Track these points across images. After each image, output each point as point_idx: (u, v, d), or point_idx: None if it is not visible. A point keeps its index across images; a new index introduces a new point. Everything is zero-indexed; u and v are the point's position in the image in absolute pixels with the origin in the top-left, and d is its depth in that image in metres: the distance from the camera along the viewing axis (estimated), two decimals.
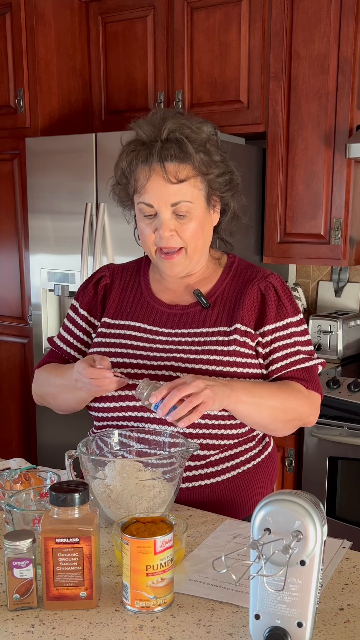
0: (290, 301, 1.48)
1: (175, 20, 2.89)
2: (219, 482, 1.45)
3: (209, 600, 1.05)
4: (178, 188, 1.37)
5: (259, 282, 1.48)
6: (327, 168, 2.65)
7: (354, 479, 2.51)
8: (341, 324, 2.86)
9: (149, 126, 1.39)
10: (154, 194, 1.38)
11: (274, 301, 1.46)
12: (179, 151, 1.36)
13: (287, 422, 1.46)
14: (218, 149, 1.44)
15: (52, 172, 2.89)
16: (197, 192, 1.40)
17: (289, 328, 1.47)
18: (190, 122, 1.40)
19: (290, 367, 1.46)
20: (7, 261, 3.25)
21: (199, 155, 1.38)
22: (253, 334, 1.45)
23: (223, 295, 1.49)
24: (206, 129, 1.43)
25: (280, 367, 1.46)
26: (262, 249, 2.94)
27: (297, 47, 2.65)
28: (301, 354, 1.48)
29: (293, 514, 0.88)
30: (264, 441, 1.55)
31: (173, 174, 1.36)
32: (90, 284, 1.59)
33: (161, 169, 1.36)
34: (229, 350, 1.42)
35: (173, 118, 1.39)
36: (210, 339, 1.44)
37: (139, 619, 0.99)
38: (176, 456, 1.26)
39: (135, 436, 1.40)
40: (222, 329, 1.45)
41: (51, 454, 3.07)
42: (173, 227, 1.40)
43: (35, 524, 1.13)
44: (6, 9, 3.00)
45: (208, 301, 1.48)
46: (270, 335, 1.46)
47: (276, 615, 0.91)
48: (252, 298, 1.46)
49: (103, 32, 3.12)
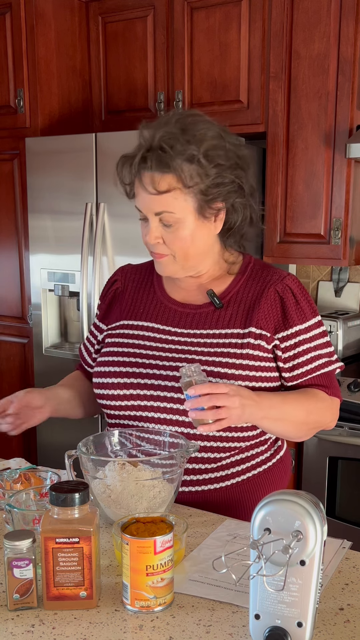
0: (308, 303, 1.46)
1: (175, 20, 2.89)
2: (230, 486, 1.45)
3: (209, 600, 1.05)
4: (159, 199, 1.35)
5: (275, 284, 1.45)
6: (327, 168, 2.65)
7: (354, 479, 2.51)
8: (341, 324, 2.86)
9: (149, 131, 1.38)
10: (140, 201, 1.39)
11: (292, 304, 1.44)
12: (157, 162, 1.33)
13: (309, 431, 1.48)
14: (225, 155, 1.38)
15: (52, 172, 2.89)
16: (183, 204, 1.35)
17: (310, 331, 1.45)
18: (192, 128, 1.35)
19: (312, 372, 1.45)
20: (7, 261, 3.25)
21: (188, 166, 1.33)
22: (269, 337, 1.43)
23: (237, 296, 1.47)
24: (211, 134, 1.37)
25: (303, 372, 1.45)
26: (262, 249, 2.94)
27: (297, 47, 2.65)
28: (323, 358, 1.47)
29: (293, 514, 0.88)
30: (276, 445, 1.53)
31: (151, 185, 1.34)
32: (106, 289, 1.63)
33: (138, 179, 1.37)
34: (242, 354, 1.41)
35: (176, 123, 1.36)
36: (224, 341, 1.42)
37: (139, 619, 0.99)
38: (176, 456, 1.26)
39: (135, 436, 1.39)
40: (236, 331, 1.43)
41: (51, 454, 3.07)
42: (159, 235, 1.39)
43: (35, 524, 1.13)
44: (6, 9, 3.00)
45: (221, 302, 1.46)
46: (294, 338, 1.44)
47: (276, 615, 0.91)
48: (269, 301, 1.44)
49: (103, 32, 3.12)
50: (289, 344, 1.44)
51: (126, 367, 1.46)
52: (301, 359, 1.45)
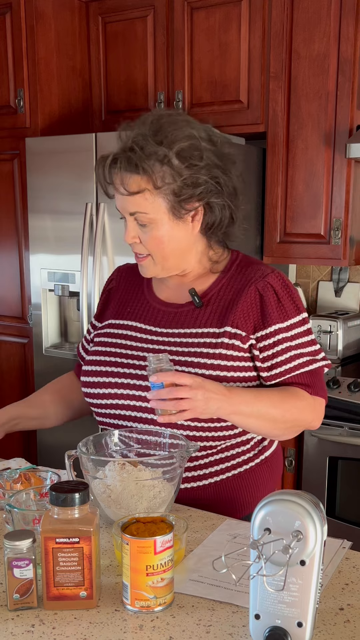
0: (291, 300, 1.44)
1: (175, 20, 2.89)
2: (208, 485, 1.44)
3: (209, 600, 1.05)
4: (132, 199, 1.36)
5: (256, 282, 1.43)
6: (327, 168, 2.65)
7: (354, 479, 2.51)
8: (341, 324, 2.86)
9: (126, 132, 1.39)
10: (116, 201, 1.42)
11: (273, 302, 1.42)
12: (127, 164, 1.34)
13: (286, 429, 1.43)
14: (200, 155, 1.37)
15: (52, 172, 2.89)
16: (154, 205, 1.36)
17: (291, 330, 1.43)
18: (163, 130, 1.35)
19: (292, 371, 1.42)
20: (7, 261, 3.25)
21: (158, 167, 1.33)
22: (244, 336, 1.41)
23: (218, 295, 1.46)
24: (185, 134, 1.36)
25: (283, 371, 1.42)
26: (262, 249, 2.94)
27: (297, 47, 2.65)
28: (304, 357, 1.43)
29: (293, 514, 0.88)
30: (262, 445, 1.51)
31: (122, 185, 1.36)
32: (103, 290, 1.65)
33: (111, 180, 1.39)
34: (215, 353, 1.40)
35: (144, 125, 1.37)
36: (199, 340, 1.42)
37: (139, 618, 0.99)
38: (176, 456, 1.26)
39: (135, 436, 1.39)
40: (212, 331, 1.42)
41: (51, 454, 3.07)
42: (136, 234, 1.41)
43: (35, 524, 1.13)
44: (6, 9, 3.00)
45: (201, 300, 1.46)
46: (272, 337, 1.41)
47: (276, 615, 0.91)
48: (248, 300, 1.42)
49: (103, 32, 3.12)
50: (267, 342, 1.42)
51: (109, 366, 1.47)
52: (280, 357, 1.42)
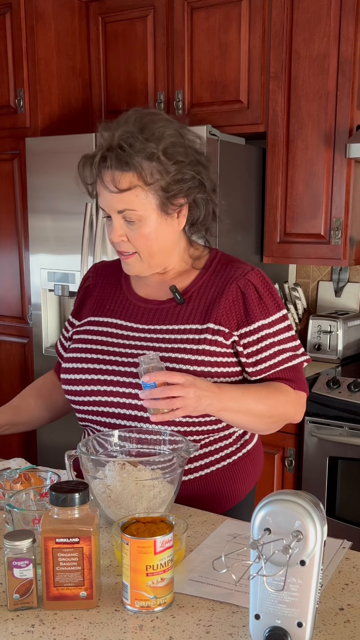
0: (271, 297, 1.47)
1: (175, 20, 2.89)
2: (193, 479, 1.45)
3: (209, 600, 1.05)
4: (121, 197, 1.37)
5: (237, 280, 1.45)
6: (327, 168, 2.65)
7: (354, 479, 2.51)
8: (341, 324, 2.86)
9: (108, 132, 1.40)
10: (102, 199, 1.41)
11: (254, 300, 1.44)
12: (117, 161, 1.35)
13: (271, 424, 1.48)
14: (185, 151, 1.40)
15: (52, 172, 2.89)
16: (144, 201, 1.37)
17: (273, 326, 1.46)
18: (149, 128, 1.37)
19: (276, 367, 1.46)
20: (7, 261, 3.25)
21: (147, 164, 1.35)
22: (227, 332, 1.43)
23: (200, 292, 1.47)
24: (169, 132, 1.39)
25: (266, 367, 1.45)
26: (262, 249, 2.94)
27: (297, 47, 2.65)
28: (287, 352, 1.47)
29: (293, 514, 0.88)
30: (243, 439, 1.53)
31: (112, 183, 1.36)
32: (79, 287, 1.65)
33: (100, 178, 1.39)
34: (198, 349, 1.41)
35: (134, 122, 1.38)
36: (181, 337, 1.43)
37: (139, 619, 0.99)
38: (176, 456, 1.26)
39: (135, 436, 1.39)
40: (194, 327, 1.44)
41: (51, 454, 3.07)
42: (123, 233, 1.40)
43: (35, 524, 1.13)
44: (6, 9, 3.00)
45: (183, 297, 1.47)
46: (255, 334, 1.44)
47: (276, 615, 0.91)
48: (230, 297, 1.44)
49: (103, 32, 3.12)
50: (251, 339, 1.44)
51: (88, 363, 1.47)
52: (264, 353, 1.45)
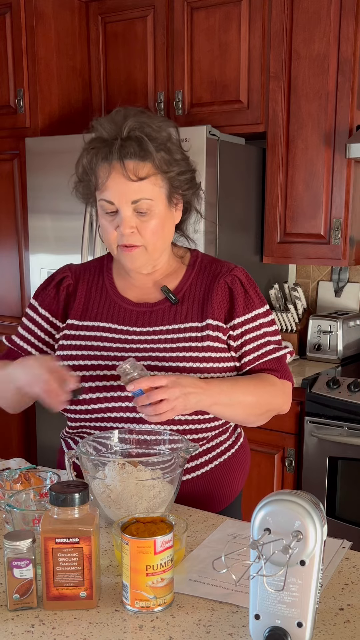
0: (255, 292, 1.50)
1: (175, 20, 2.89)
2: (198, 476, 1.47)
3: (209, 600, 1.05)
4: (138, 186, 1.37)
5: (224, 276, 1.49)
6: (327, 168, 2.65)
7: (354, 479, 2.51)
8: (341, 324, 2.86)
9: (110, 124, 1.39)
10: (115, 191, 1.38)
11: (241, 294, 1.48)
12: (139, 149, 1.36)
13: (260, 415, 1.49)
14: (180, 148, 1.44)
15: (52, 172, 2.89)
16: (158, 190, 1.39)
17: (257, 320, 1.49)
18: (152, 121, 1.40)
19: (262, 358, 1.48)
20: (7, 261, 3.25)
21: (160, 154, 1.38)
22: (224, 328, 1.46)
23: (191, 291, 1.49)
24: (168, 127, 1.43)
25: (252, 358, 1.48)
26: (262, 249, 2.94)
27: (297, 47, 2.65)
28: (271, 344, 1.50)
29: (293, 514, 0.88)
30: (236, 432, 1.57)
31: (133, 172, 1.36)
32: (51, 284, 1.56)
33: (121, 166, 1.36)
34: (203, 346, 1.43)
35: (134, 116, 1.39)
36: (184, 336, 1.45)
37: (139, 619, 0.99)
38: (176, 456, 1.26)
39: (135, 437, 1.40)
40: (194, 325, 1.45)
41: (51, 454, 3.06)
42: (134, 224, 1.39)
43: (35, 524, 1.13)
44: (6, 9, 3.00)
45: (177, 297, 1.48)
46: (241, 327, 1.47)
47: (276, 615, 0.91)
48: (219, 292, 1.47)
49: (103, 32, 3.12)
50: (238, 332, 1.47)
51: (90, 370, 1.45)
52: (249, 346, 1.48)
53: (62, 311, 1.54)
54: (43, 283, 1.59)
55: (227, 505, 1.53)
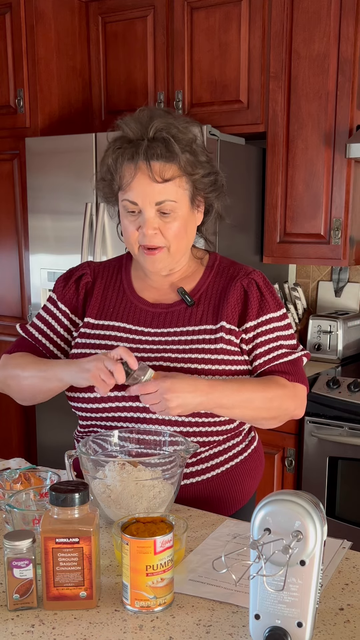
0: (272, 296, 1.49)
1: (175, 20, 2.89)
2: (209, 479, 1.46)
3: (209, 600, 1.05)
4: (163, 187, 1.36)
5: (241, 279, 1.48)
6: (327, 168, 2.65)
7: (354, 479, 2.51)
8: (341, 324, 2.86)
9: (136, 124, 1.39)
10: (139, 191, 1.37)
11: (256, 297, 1.47)
12: (165, 150, 1.35)
13: (271, 419, 1.47)
14: (204, 150, 1.44)
15: (52, 172, 2.89)
16: (182, 192, 1.39)
17: (270, 323, 1.47)
18: (178, 122, 1.40)
19: (273, 361, 1.47)
20: (7, 261, 3.25)
21: (185, 155, 1.37)
22: (237, 331, 1.46)
23: (207, 293, 1.49)
24: (193, 129, 1.42)
25: (263, 362, 1.47)
26: (262, 249, 2.94)
27: (297, 47, 2.65)
28: (283, 348, 1.48)
29: (293, 514, 0.88)
30: (250, 435, 1.57)
31: (159, 173, 1.35)
32: (71, 280, 1.56)
33: (147, 167, 1.35)
34: (216, 349, 1.43)
35: (160, 117, 1.39)
36: (197, 338, 1.44)
37: (139, 619, 0.99)
38: (176, 456, 1.26)
39: (135, 437, 1.40)
40: (208, 327, 1.45)
41: (51, 454, 3.07)
42: (157, 226, 1.39)
43: (35, 524, 1.13)
44: (6, 9, 3.00)
45: (193, 299, 1.48)
46: (253, 331, 1.46)
47: (276, 615, 0.91)
48: (235, 295, 1.46)
49: (103, 32, 3.12)
50: (250, 335, 1.46)
51: None
52: (260, 349, 1.46)
53: (81, 309, 1.54)
54: (62, 278, 1.58)
55: (239, 508, 1.53)
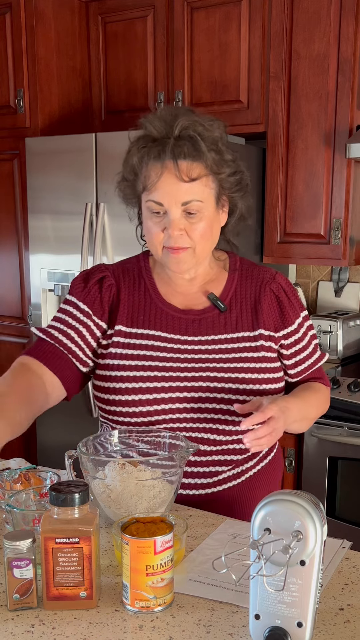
0: (296, 299, 1.50)
1: (175, 20, 2.89)
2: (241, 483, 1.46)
3: (209, 600, 1.04)
4: (189, 187, 1.33)
5: (269, 283, 1.47)
6: (327, 168, 2.65)
7: (354, 479, 2.51)
8: (341, 324, 2.86)
9: (160, 122, 1.35)
10: (165, 192, 1.33)
11: (286, 302, 1.47)
12: (192, 149, 1.32)
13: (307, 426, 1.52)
14: (229, 148, 1.40)
15: (52, 172, 2.89)
16: (208, 192, 1.36)
17: (303, 325, 1.49)
18: (202, 120, 1.36)
19: (313, 366, 1.51)
20: (7, 261, 3.25)
21: (211, 154, 1.34)
22: (276, 337, 1.45)
23: (236, 298, 1.46)
24: (218, 127, 1.38)
25: (304, 368, 1.50)
26: (262, 249, 2.94)
27: (297, 47, 2.65)
28: (317, 351, 1.53)
29: (293, 514, 0.88)
30: None
31: (186, 173, 1.32)
32: (91, 282, 1.47)
33: (174, 166, 1.31)
34: (259, 357, 1.41)
35: (184, 115, 1.35)
36: (237, 346, 1.41)
37: (139, 619, 0.99)
38: (176, 456, 1.26)
39: (135, 437, 1.39)
40: (246, 334, 1.43)
41: (51, 454, 3.07)
42: (182, 226, 1.35)
43: (35, 524, 1.13)
44: (6, 9, 3.00)
45: (225, 305, 1.45)
46: (294, 335, 1.47)
47: (276, 615, 0.91)
48: (267, 301, 1.45)
49: (103, 32, 3.12)
50: (289, 341, 1.47)
51: (139, 382, 1.39)
52: (303, 354, 1.49)
53: (108, 314, 1.46)
54: (80, 279, 1.49)
55: None
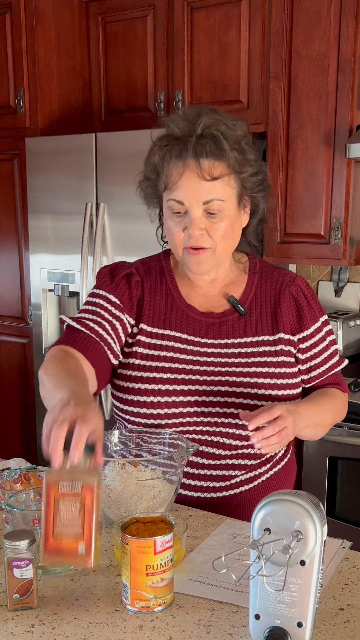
0: (316, 303, 1.48)
1: (175, 20, 2.89)
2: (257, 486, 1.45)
3: (209, 600, 1.04)
4: (211, 186, 1.32)
5: (289, 287, 1.46)
6: (327, 168, 2.65)
7: (354, 479, 2.51)
8: (341, 324, 2.86)
9: (183, 121, 1.34)
10: (186, 190, 1.32)
11: (305, 306, 1.46)
12: (215, 148, 1.31)
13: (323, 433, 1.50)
14: (252, 148, 1.39)
15: (52, 172, 2.89)
16: (230, 191, 1.34)
17: (322, 330, 1.48)
18: (226, 119, 1.35)
19: (328, 372, 1.49)
20: (7, 261, 3.25)
21: (234, 153, 1.33)
22: (294, 341, 1.44)
23: (256, 301, 1.45)
24: (241, 126, 1.37)
25: (321, 372, 1.48)
26: (262, 249, 2.94)
27: (297, 47, 2.65)
28: (335, 356, 1.50)
29: (293, 514, 0.88)
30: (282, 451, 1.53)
31: (207, 171, 1.31)
32: (118, 276, 1.44)
33: (196, 165, 1.30)
34: (278, 362, 1.41)
35: (207, 114, 1.34)
36: (257, 350, 1.41)
37: (139, 619, 0.99)
38: (176, 456, 1.26)
39: (135, 437, 1.39)
40: (266, 338, 1.42)
41: None
42: (203, 226, 1.34)
43: (35, 524, 1.13)
44: (6, 9, 3.00)
45: (245, 308, 1.44)
46: (309, 340, 1.45)
47: (276, 615, 0.91)
48: (286, 304, 1.45)
49: (103, 32, 3.12)
50: (305, 345, 1.45)
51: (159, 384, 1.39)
52: (318, 359, 1.47)
53: (135, 310, 1.44)
54: (107, 273, 1.46)
55: None
